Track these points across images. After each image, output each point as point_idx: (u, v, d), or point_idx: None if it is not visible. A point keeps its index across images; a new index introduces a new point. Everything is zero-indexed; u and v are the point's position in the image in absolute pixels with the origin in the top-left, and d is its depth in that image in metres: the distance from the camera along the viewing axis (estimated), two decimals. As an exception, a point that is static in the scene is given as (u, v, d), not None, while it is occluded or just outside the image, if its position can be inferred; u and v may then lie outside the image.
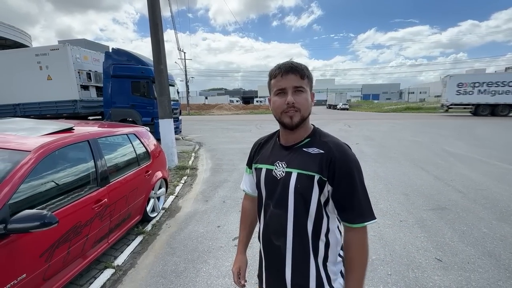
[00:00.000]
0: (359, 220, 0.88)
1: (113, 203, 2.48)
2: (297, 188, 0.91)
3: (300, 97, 0.91)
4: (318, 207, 0.91)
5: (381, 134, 11.97)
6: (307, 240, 0.93)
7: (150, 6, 5.56)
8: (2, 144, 1.91)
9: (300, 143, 0.98)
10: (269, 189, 1.00)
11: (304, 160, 0.93)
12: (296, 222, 0.93)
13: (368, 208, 0.90)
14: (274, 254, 0.99)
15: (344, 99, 49.43)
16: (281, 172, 0.96)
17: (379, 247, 2.74)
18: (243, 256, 1.19)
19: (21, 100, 10.19)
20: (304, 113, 0.93)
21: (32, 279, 1.67)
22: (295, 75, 0.90)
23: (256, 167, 1.08)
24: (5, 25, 15.30)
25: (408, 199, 4.06)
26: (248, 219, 1.23)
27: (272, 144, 1.07)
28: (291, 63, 0.93)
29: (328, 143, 0.94)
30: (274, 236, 0.98)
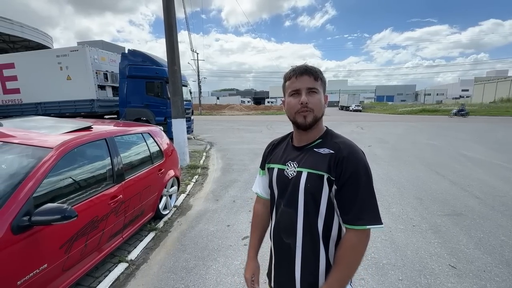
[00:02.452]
0: (358, 223, 0.85)
1: (127, 199, 2.57)
2: (307, 187, 0.93)
3: (313, 97, 0.94)
4: (329, 207, 0.92)
5: (395, 136, 11.70)
6: (318, 239, 0.94)
7: (165, 9, 5.69)
8: (26, 141, 2.02)
9: (312, 143, 1.00)
10: (281, 188, 1.02)
11: (314, 160, 0.95)
12: (306, 221, 0.94)
13: (372, 212, 0.87)
14: (284, 252, 1.01)
15: (357, 101, 48.62)
16: (292, 172, 0.98)
17: (391, 252, 2.69)
18: (255, 262, 1.18)
19: (42, 99, 10.65)
20: (317, 113, 0.95)
21: (53, 269, 1.76)
22: (309, 76, 0.94)
23: (269, 167, 1.10)
24: (29, 28, 16.06)
25: (422, 203, 3.96)
26: (260, 224, 1.22)
27: (285, 145, 1.09)
28: (306, 65, 0.97)
29: (338, 144, 0.95)
30: (284, 234, 1.00)
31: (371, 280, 2.27)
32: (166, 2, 5.65)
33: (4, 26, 14.36)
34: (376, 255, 2.64)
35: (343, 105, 52.35)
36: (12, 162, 1.85)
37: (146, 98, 9.70)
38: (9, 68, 10.71)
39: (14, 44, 17.03)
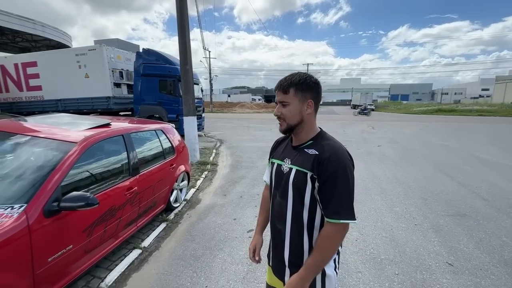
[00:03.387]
0: (334, 217, 0.98)
1: (142, 191, 2.78)
2: (294, 182, 1.08)
3: (284, 109, 1.09)
4: (312, 200, 1.06)
5: (406, 136, 11.54)
6: (303, 227, 1.09)
7: (178, 11, 5.90)
8: (52, 135, 2.25)
9: (304, 144, 1.12)
10: (277, 181, 1.18)
11: (303, 159, 1.08)
12: (294, 211, 1.10)
13: (346, 208, 0.98)
14: (277, 236, 1.18)
15: (369, 99, 47.59)
16: (286, 168, 1.13)
17: (390, 248, 2.79)
18: (260, 237, 1.37)
19: (62, 96, 11.18)
20: (290, 121, 1.09)
21: (77, 250, 1.99)
22: (279, 91, 1.09)
23: (272, 161, 1.26)
24: (50, 27, 16.78)
25: (426, 203, 4.00)
26: (267, 206, 1.36)
27: (286, 143, 1.24)
28: (280, 80, 1.10)
29: (324, 146, 1.06)
30: (277, 221, 1.17)
31: (368, 273, 2.38)
32: (179, 4, 5.85)
33: (28, 26, 15.09)
34: (375, 250, 2.74)
35: (355, 104, 51.48)
36: (41, 155, 2.08)
37: (159, 96, 10.01)
38: (32, 66, 11.31)
39: (36, 43, 17.84)
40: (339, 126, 15.97)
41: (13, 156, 2.10)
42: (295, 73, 1.10)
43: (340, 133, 12.47)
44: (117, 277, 2.32)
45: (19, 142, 2.19)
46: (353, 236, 3.03)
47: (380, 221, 3.42)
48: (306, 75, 1.09)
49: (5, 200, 1.71)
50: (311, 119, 1.12)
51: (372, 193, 4.43)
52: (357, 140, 10.48)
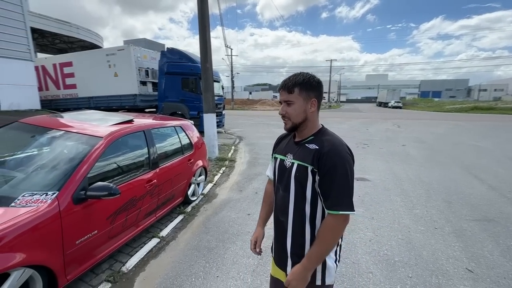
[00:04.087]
0: (335, 208, 1.02)
1: (161, 184, 2.95)
2: (296, 176, 1.12)
3: (289, 108, 1.13)
4: (313, 193, 1.10)
5: (434, 136, 10.90)
6: (304, 218, 1.13)
7: (199, 9, 6.07)
8: (82, 130, 2.47)
9: (305, 139, 1.17)
10: (280, 175, 1.23)
11: (304, 153, 1.12)
12: (296, 204, 1.14)
13: (346, 200, 1.02)
14: (280, 228, 1.23)
15: (397, 97, 45.46)
16: (289, 162, 1.17)
17: (405, 251, 2.71)
18: (261, 229, 1.42)
19: (94, 94, 11.98)
20: (295, 120, 1.14)
21: (101, 235, 2.18)
22: (284, 90, 1.13)
23: (275, 156, 1.30)
24: (84, 29, 17.99)
25: (450, 207, 3.80)
26: (269, 200, 1.43)
27: (288, 139, 1.28)
28: (284, 80, 1.14)
29: (324, 141, 1.10)
30: (280, 213, 1.22)
31: (379, 275, 2.34)
32: (201, 4, 6.01)
33: (64, 28, 16.31)
34: (389, 252, 2.68)
35: (381, 101, 49.39)
36: (72, 148, 2.29)
37: (181, 93, 10.35)
38: (68, 66, 12.23)
39: (72, 44, 19.22)
40: (362, 125, 15.45)
41: (49, 148, 2.34)
42: (299, 73, 1.14)
43: (363, 131, 12.08)
44: (137, 262, 2.50)
45: (54, 136, 2.43)
46: (367, 236, 2.98)
47: (398, 222, 3.32)
48: (309, 75, 1.14)
49: (42, 187, 1.93)
50: (314, 117, 1.16)
51: (391, 194, 4.29)
52: (380, 139, 10.11)
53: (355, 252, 2.68)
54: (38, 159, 2.23)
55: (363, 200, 4.03)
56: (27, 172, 2.11)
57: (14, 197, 1.79)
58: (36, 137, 2.48)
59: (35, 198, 1.80)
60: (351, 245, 2.79)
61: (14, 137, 2.56)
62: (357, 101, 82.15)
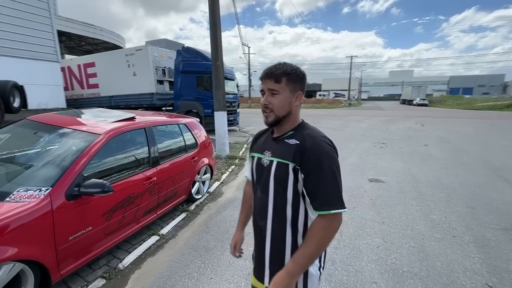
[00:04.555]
0: (324, 208, 0.92)
1: (161, 181, 2.94)
2: (276, 175, 1.02)
3: (274, 98, 1.03)
4: (295, 193, 1.00)
5: (461, 136, 10.15)
6: (285, 222, 1.03)
7: (210, 7, 6.04)
8: (81, 128, 2.50)
9: (284, 135, 1.07)
10: (258, 175, 1.13)
11: (283, 150, 1.03)
12: (275, 206, 1.04)
13: (335, 197, 0.93)
14: (258, 233, 1.13)
15: (422, 94, 43.05)
16: (267, 160, 1.07)
17: (416, 260, 2.48)
18: (241, 233, 1.36)
19: (114, 93, 12.46)
20: (278, 113, 1.03)
21: (96, 232, 2.19)
22: (270, 79, 1.02)
23: (252, 155, 1.20)
24: (107, 31, 18.81)
25: (473, 213, 3.46)
26: (248, 202, 1.34)
27: (266, 135, 1.19)
28: (270, 68, 1.04)
29: (304, 135, 1.01)
30: (258, 217, 1.12)
31: (384, 286, 2.15)
32: (211, 2, 5.98)
33: (89, 31, 17.14)
34: (398, 261, 2.47)
35: (406, 99, 47.07)
36: (70, 145, 2.32)
37: (196, 92, 10.44)
38: (91, 67, 12.82)
39: (96, 46, 20.17)
40: (383, 123, 14.78)
41: (49, 145, 2.39)
42: (283, 63, 1.06)
43: (382, 130, 11.52)
44: (134, 260, 2.50)
45: (55, 133, 2.49)
46: (375, 242, 2.78)
47: (411, 228, 3.07)
48: (296, 66, 1.06)
49: (37, 183, 1.96)
50: (297, 111, 1.09)
51: (406, 197, 4.00)
52: (401, 138, 9.57)
53: (360, 259, 2.50)
54: (37, 155, 2.30)
55: (374, 203, 3.79)
56: (25, 167, 2.16)
57: (9, 192, 1.83)
58: (38, 134, 2.56)
59: (29, 194, 1.83)
60: (356, 251, 2.61)
61: (20, 134, 2.65)
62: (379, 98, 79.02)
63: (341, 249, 2.66)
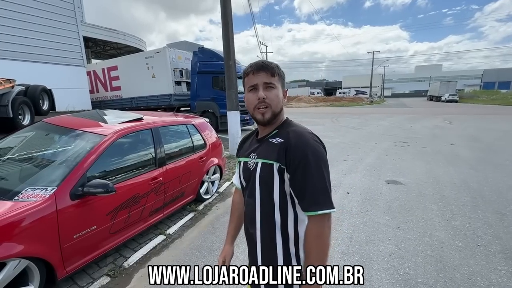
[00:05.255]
0: (313, 208, 0.86)
1: (167, 181, 2.96)
2: (261, 177, 0.96)
3: (270, 93, 0.96)
4: (282, 196, 0.94)
5: (494, 133, 9.34)
6: (274, 228, 0.96)
7: (222, 7, 6.05)
8: (88, 129, 2.58)
9: (268, 135, 1.02)
10: (245, 180, 1.07)
11: (267, 150, 0.97)
12: (263, 211, 0.98)
13: (325, 197, 0.87)
14: (250, 242, 1.06)
15: (452, 89, 40.34)
16: (253, 163, 1.01)
17: (432, 270, 2.28)
18: (230, 247, 1.24)
19: (135, 95, 12.95)
20: (275, 108, 0.97)
21: (101, 230, 2.25)
22: (265, 72, 0.96)
23: (239, 161, 1.15)
24: (129, 35, 19.61)
25: (503, 220, 3.13)
26: (237, 212, 1.27)
27: (251, 138, 1.14)
28: (262, 61, 0.99)
29: (289, 132, 0.95)
30: (249, 224, 1.05)
31: (394, 297, 2.00)
32: (223, 2, 5.98)
33: (113, 36, 17.98)
34: (412, 271, 2.29)
35: (433, 95, 44.39)
36: (76, 146, 2.41)
37: (212, 92, 10.55)
38: (114, 70, 13.42)
39: (120, 50, 21.11)
40: (406, 121, 14.03)
41: (58, 146, 2.50)
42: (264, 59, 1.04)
43: (405, 128, 10.92)
44: (139, 259, 2.54)
45: (64, 134, 2.59)
46: (388, 249, 2.60)
47: (429, 235, 2.84)
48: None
49: (45, 182, 2.04)
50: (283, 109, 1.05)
51: (427, 201, 3.72)
52: (425, 136, 9.01)
53: (369, 267, 2.34)
54: (47, 156, 2.40)
55: (390, 206, 3.57)
56: (36, 167, 2.27)
57: (18, 191, 1.92)
58: (50, 135, 2.67)
59: (36, 193, 1.91)
60: (366, 258, 2.46)
61: (35, 135, 2.79)
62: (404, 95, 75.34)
63: (349, 255, 2.52)
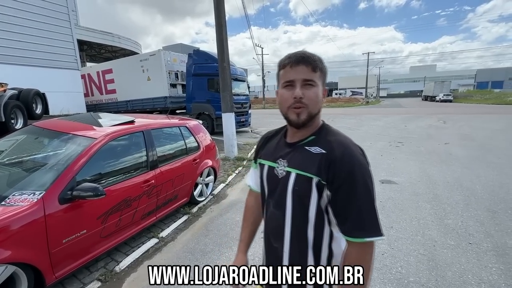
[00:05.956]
0: (357, 234, 0.77)
1: (160, 184, 2.94)
2: (295, 190, 0.86)
3: (309, 91, 0.83)
4: (319, 213, 0.84)
5: (488, 132, 9.45)
6: (306, 246, 0.87)
7: (216, 9, 6.06)
8: (79, 132, 2.55)
9: (303, 140, 0.90)
10: (270, 187, 0.96)
11: (304, 159, 0.86)
12: (294, 227, 0.88)
13: (372, 222, 0.77)
14: (273, 255, 0.96)
15: (446, 89, 40.78)
16: (282, 171, 0.90)
17: (424, 269, 2.29)
18: (244, 256, 1.10)
19: (130, 98, 12.88)
20: (312, 109, 0.85)
21: (91, 235, 2.22)
22: (306, 66, 0.82)
23: (260, 162, 1.03)
24: (124, 38, 19.56)
25: (494, 218, 3.16)
26: (251, 217, 1.15)
27: (278, 139, 1.01)
28: (303, 52, 0.85)
29: (332, 142, 0.84)
30: (273, 237, 0.95)
31: (386, 296, 2.00)
32: (216, 3, 6.00)
33: (108, 39, 17.92)
34: (404, 270, 2.29)
35: (428, 95, 44.85)
36: (66, 149, 2.38)
37: (208, 94, 10.53)
38: (109, 73, 13.35)
39: (115, 53, 21.03)
40: (401, 121, 14.13)
41: (48, 149, 2.47)
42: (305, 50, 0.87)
43: (400, 128, 10.99)
44: (131, 263, 2.52)
45: (54, 138, 2.57)
46: (381, 249, 2.61)
47: (422, 234, 2.86)
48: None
49: (34, 186, 2.02)
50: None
51: (420, 200, 3.74)
52: (420, 136, 9.07)
53: (362, 266, 2.34)
54: (35, 160, 2.37)
55: (384, 206, 3.58)
56: (24, 172, 2.24)
57: (6, 196, 1.90)
58: (39, 139, 2.65)
59: (23, 198, 1.88)
60: (359, 258, 2.46)
61: (25, 139, 2.76)
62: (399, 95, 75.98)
63: (343, 255, 2.52)
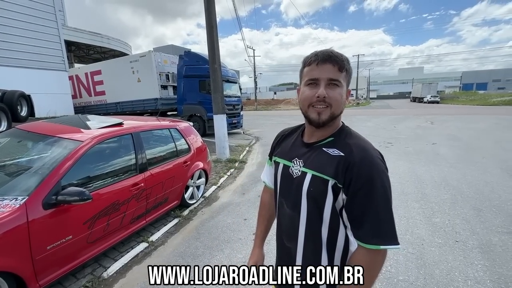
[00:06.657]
0: (373, 241, 0.74)
1: (149, 187, 2.89)
2: (310, 192, 0.84)
3: (334, 91, 0.81)
4: (333, 215, 0.83)
5: (473, 133, 9.73)
6: (320, 247, 0.86)
7: (206, 11, 6.04)
8: (64, 135, 2.48)
9: (322, 141, 0.88)
10: (284, 187, 0.95)
11: (321, 161, 0.84)
12: (309, 228, 0.87)
13: (389, 229, 0.75)
14: (285, 255, 0.96)
15: (433, 90, 41.87)
16: (297, 171, 0.89)
17: (413, 268, 2.33)
18: (260, 250, 1.12)
19: (120, 99, 12.67)
20: (335, 110, 0.83)
21: (77, 240, 2.16)
22: (333, 65, 0.80)
23: (275, 160, 1.03)
24: (114, 39, 19.27)
25: (480, 215, 3.25)
26: (267, 213, 1.17)
27: (294, 138, 1.00)
28: (331, 51, 0.83)
29: (351, 145, 0.82)
30: (286, 237, 0.95)
31: (376, 296, 2.02)
32: (207, 5, 5.98)
33: (97, 40, 17.61)
34: (393, 269, 2.32)
35: (416, 96, 45.91)
36: (51, 152, 2.32)
37: (199, 96, 10.45)
38: (97, 74, 13.11)
39: (104, 54, 20.71)
40: (390, 122, 14.39)
41: (32, 153, 2.39)
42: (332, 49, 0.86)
43: (389, 129, 11.20)
44: (119, 268, 2.46)
45: (38, 141, 2.49)
46: (371, 248, 2.63)
47: (410, 233, 2.91)
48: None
49: (16, 191, 1.95)
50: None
51: (409, 199, 3.81)
52: (408, 136, 9.26)
53: (352, 266, 2.36)
54: (19, 164, 2.29)
55: (374, 206, 3.62)
56: (6, 176, 2.16)
57: (-14, 202, 1.82)
58: (22, 142, 2.57)
59: (5, 203, 1.82)
60: (349, 259, 2.48)
61: (7, 143, 2.67)
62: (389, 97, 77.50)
63: (334, 256, 2.53)
